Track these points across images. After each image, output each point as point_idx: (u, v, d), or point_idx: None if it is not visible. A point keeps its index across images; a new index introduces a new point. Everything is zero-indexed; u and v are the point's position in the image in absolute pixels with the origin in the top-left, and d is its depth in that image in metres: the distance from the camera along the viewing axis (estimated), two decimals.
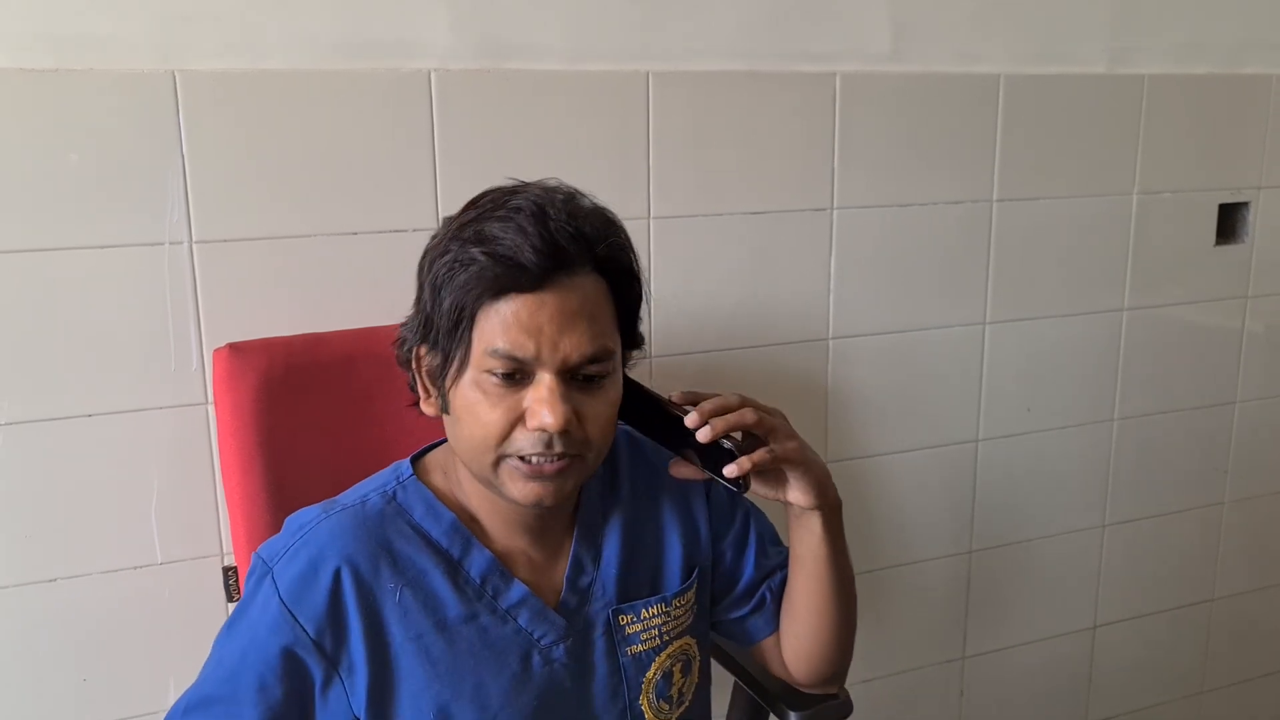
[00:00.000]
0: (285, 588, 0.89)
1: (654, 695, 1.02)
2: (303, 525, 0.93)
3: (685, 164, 1.46)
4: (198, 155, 1.23)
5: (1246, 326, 1.93)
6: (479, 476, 0.92)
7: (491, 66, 1.35)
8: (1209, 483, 1.98)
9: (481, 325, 0.86)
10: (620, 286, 0.91)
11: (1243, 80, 1.82)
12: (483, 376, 0.86)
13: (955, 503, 1.77)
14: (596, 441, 0.90)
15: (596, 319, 0.88)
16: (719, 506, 1.09)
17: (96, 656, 1.29)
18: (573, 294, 0.86)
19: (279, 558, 0.91)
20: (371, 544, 0.91)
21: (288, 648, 0.89)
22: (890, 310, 1.64)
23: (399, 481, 0.96)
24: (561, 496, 0.91)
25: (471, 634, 0.94)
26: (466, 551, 0.95)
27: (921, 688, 1.83)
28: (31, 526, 1.24)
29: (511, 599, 0.95)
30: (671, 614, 1.03)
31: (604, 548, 1.02)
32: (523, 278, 0.84)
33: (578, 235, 0.86)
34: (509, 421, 0.86)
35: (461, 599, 0.94)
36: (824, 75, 1.52)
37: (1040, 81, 1.67)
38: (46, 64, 1.16)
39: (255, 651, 0.90)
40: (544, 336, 0.85)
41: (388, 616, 0.91)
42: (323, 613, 0.89)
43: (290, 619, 0.89)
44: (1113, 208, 1.77)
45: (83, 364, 1.23)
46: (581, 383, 0.88)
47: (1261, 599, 2.10)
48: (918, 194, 1.62)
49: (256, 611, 0.91)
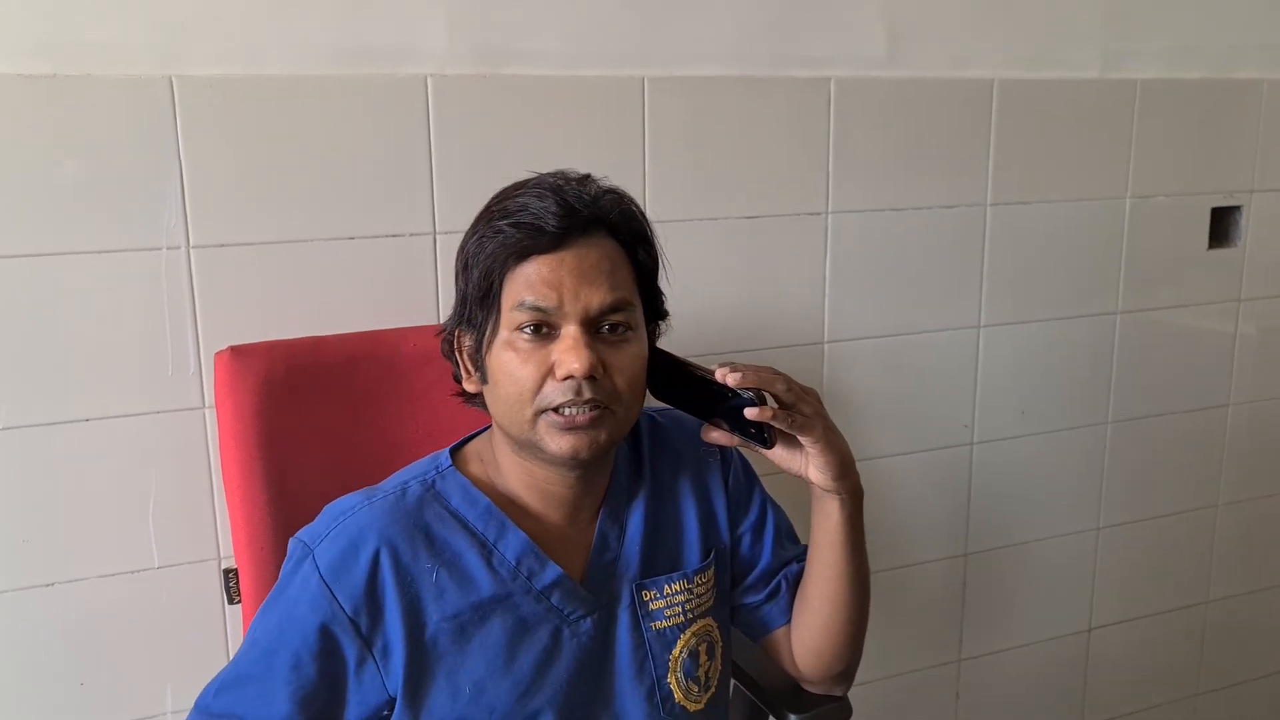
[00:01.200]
0: (325, 566, 0.92)
1: (682, 674, 1.05)
2: (343, 511, 0.95)
3: (681, 169, 1.46)
4: (195, 160, 1.23)
5: (1239, 329, 1.94)
6: (519, 441, 0.95)
7: (488, 72, 1.35)
8: (1203, 485, 1.99)
9: (508, 288, 0.92)
10: (636, 251, 0.97)
11: (1234, 85, 1.83)
12: (513, 335, 0.92)
13: (950, 506, 1.78)
14: (625, 394, 0.94)
15: (614, 274, 0.93)
16: (736, 493, 1.12)
17: (94, 661, 1.29)
18: (590, 251, 0.92)
19: (320, 540, 0.93)
20: (410, 527, 0.95)
21: (325, 625, 0.91)
22: (885, 314, 1.65)
23: (438, 471, 1.00)
24: (596, 449, 0.93)
25: (506, 613, 0.96)
26: (501, 534, 0.98)
27: (917, 690, 1.83)
28: (29, 531, 1.24)
29: (546, 580, 0.98)
30: (694, 591, 1.06)
31: (628, 525, 1.04)
32: (543, 240, 0.91)
33: (592, 202, 0.93)
34: (540, 374, 0.91)
35: (496, 580, 0.96)
36: (819, 80, 1.53)
37: (1033, 86, 1.68)
38: (45, 70, 1.17)
39: (292, 629, 0.92)
40: (565, 289, 0.90)
41: (425, 597, 0.94)
42: (361, 592, 0.92)
43: (329, 596, 0.91)
44: (1106, 211, 1.78)
45: (80, 369, 1.23)
46: (606, 335, 0.93)
47: (1256, 601, 2.11)
48: (912, 198, 1.63)
49: (295, 590, 0.93)
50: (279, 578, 0.96)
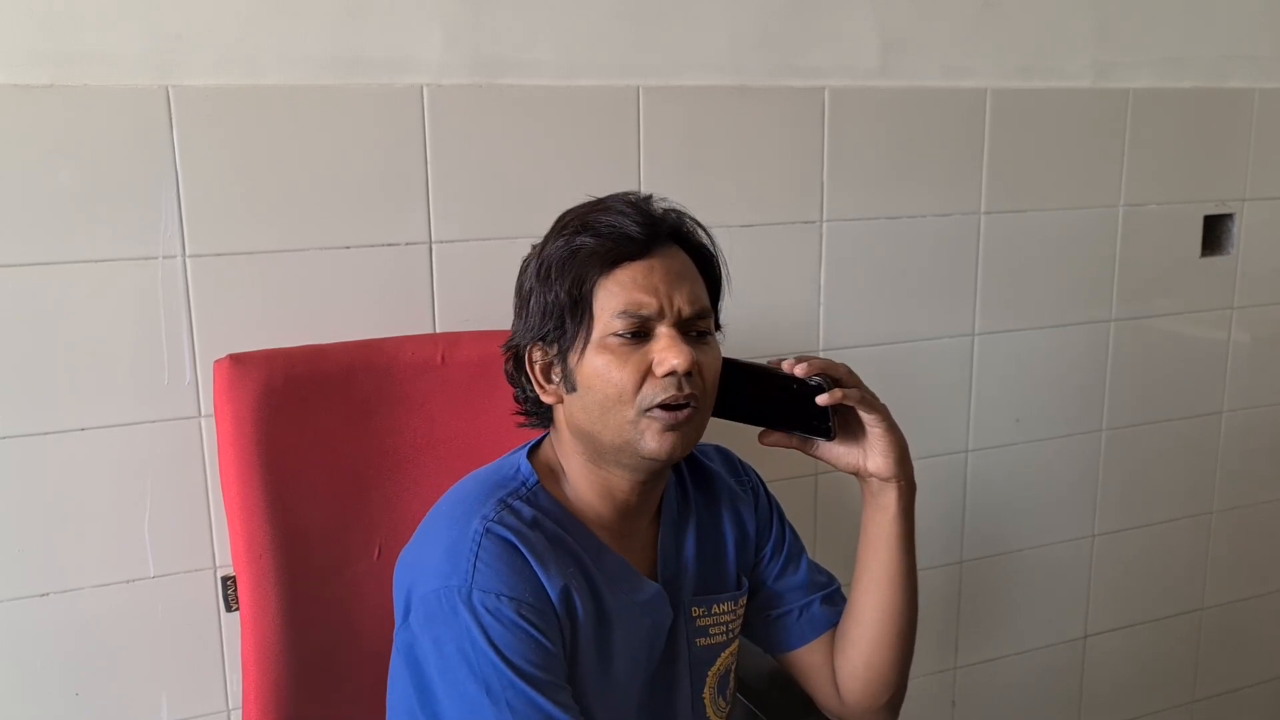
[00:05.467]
0: (493, 587, 0.90)
1: (715, 691, 1.08)
2: (469, 546, 0.93)
3: (676, 178, 1.47)
4: (191, 170, 1.24)
5: (1233, 337, 1.95)
6: (611, 445, 0.96)
7: (484, 82, 1.36)
8: (1198, 492, 2.00)
9: (601, 296, 0.94)
10: (705, 263, 1.01)
11: (1226, 94, 1.84)
12: (609, 340, 0.94)
13: (945, 513, 1.78)
14: (710, 391, 0.97)
15: (696, 282, 0.98)
16: (763, 517, 1.15)
17: (89, 671, 1.29)
18: (674, 259, 0.97)
19: (469, 576, 0.91)
20: (539, 541, 0.95)
21: (524, 618, 0.91)
22: (880, 322, 1.65)
23: (527, 488, 0.99)
24: (688, 448, 0.97)
25: (620, 623, 0.99)
26: (600, 554, 1.00)
27: (913, 698, 1.81)
28: (24, 541, 1.24)
29: (645, 595, 1.01)
30: (736, 613, 1.09)
31: (685, 542, 1.08)
32: (632, 247, 0.94)
33: (664, 217, 0.98)
34: (639, 375, 0.94)
35: (610, 590, 0.99)
36: (813, 90, 1.54)
37: (1026, 95, 1.68)
38: (42, 80, 1.17)
39: (507, 651, 0.90)
40: (660, 293, 0.94)
41: (575, 594, 0.95)
42: (531, 585, 0.92)
43: (511, 599, 0.91)
44: (1099, 220, 1.79)
45: (76, 378, 1.23)
46: (694, 338, 0.96)
47: (1251, 608, 2.11)
48: (906, 206, 1.64)
49: (479, 628, 0.90)
50: (437, 639, 0.92)
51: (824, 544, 1.56)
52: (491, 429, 1.23)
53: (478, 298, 1.36)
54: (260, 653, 1.13)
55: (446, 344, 1.26)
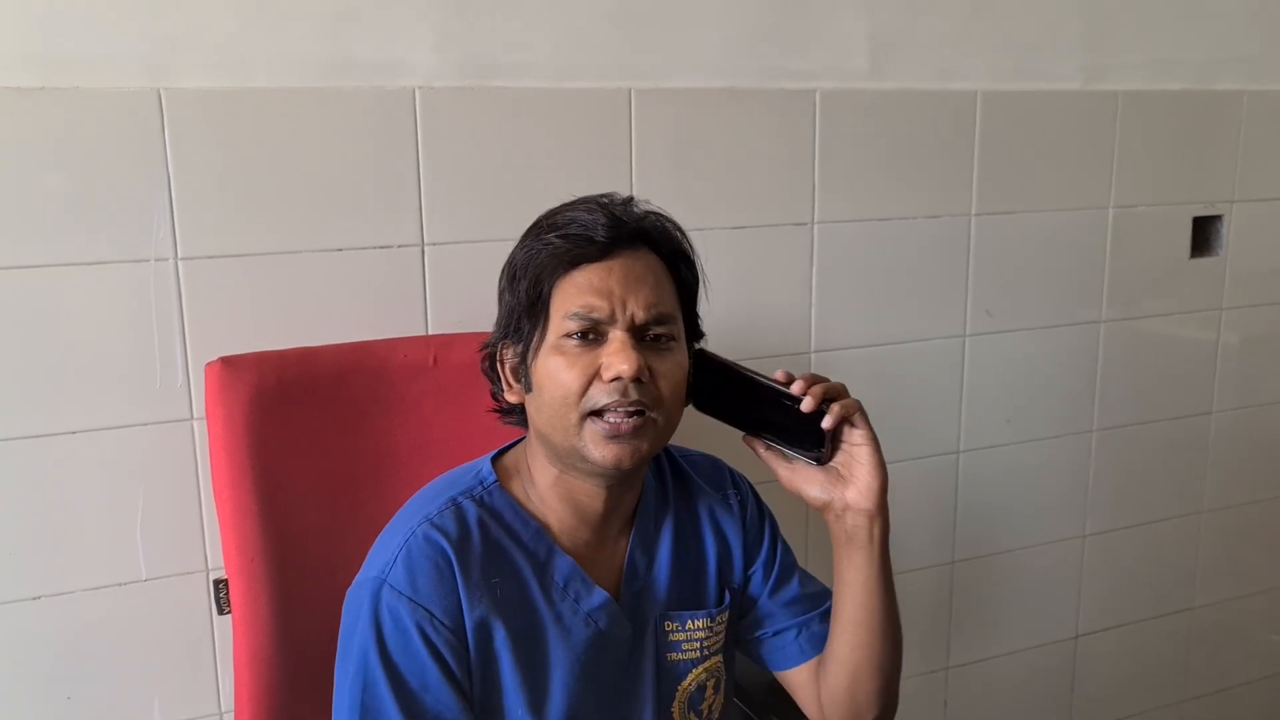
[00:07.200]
0: (404, 586, 0.92)
1: (686, 705, 1.06)
2: (403, 540, 0.95)
3: (667, 180, 1.47)
4: (183, 172, 1.24)
5: (1221, 338, 1.96)
6: (562, 449, 0.95)
7: (476, 84, 1.36)
8: (1187, 492, 2.01)
9: (558, 296, 0.94)
10: (679, 268, 0.99)
11: (1215, 96, 1.85)
12: (561, 341, 0.93)
13: (937, 514, 1.79)
14: (667, 400, 0.95)
15: (659, 287, 0.96)
16: (751, 530, 1.12)
17: (81, 674, 1.28)
18: (637, 262, 0.95)
19: (388, 568, 0.94)
20: (473, 544, 0.96)
21: (421, 628, 0.92)
22: (871, 323, 1.66)
23: (484, 487, 1.00)
24: (638, 458, 0.94)
25: (559, 632, 0.98)
26: (550, 557, 0.99)
27: (905, 698, 1.81)
28: (15, 544, 1.23)
29: (593, 603, 1.00)
30: (713, 630, 1.07)
31: (656, 555, 1.06)
32: (592, 249, 0.93)
33: (636, 219, 0.97)
34: (586, 378, 0.92)
35: (548, 599, 0.98)
36: (804, 92, 1.54)
37: (1016, 98, 1.69)
38: (33, 82, 1.17)
39: (401, 656, 0.92)
40: (614, 297, 0.93)
41: (493, 609, 0.95)
42: (443, 597, 0.93)
43: (417, 606, 0.92)
44: (1089, 221, 1.80)
45: (67, 381, 1.23)
46: (650, 344, 0.94)
47: (1240, 607, 2.12)
48: (897, 208, 1.64)
49: (373, 626, 0.93)
50: (344, 627, 0.96)
51: (814, 553, 1.57)
52: (484, 431, 1.22)
53: (470, 300, 1.36)
54: (252, 655, 1.13)
55: (439, 346, 1.26)
